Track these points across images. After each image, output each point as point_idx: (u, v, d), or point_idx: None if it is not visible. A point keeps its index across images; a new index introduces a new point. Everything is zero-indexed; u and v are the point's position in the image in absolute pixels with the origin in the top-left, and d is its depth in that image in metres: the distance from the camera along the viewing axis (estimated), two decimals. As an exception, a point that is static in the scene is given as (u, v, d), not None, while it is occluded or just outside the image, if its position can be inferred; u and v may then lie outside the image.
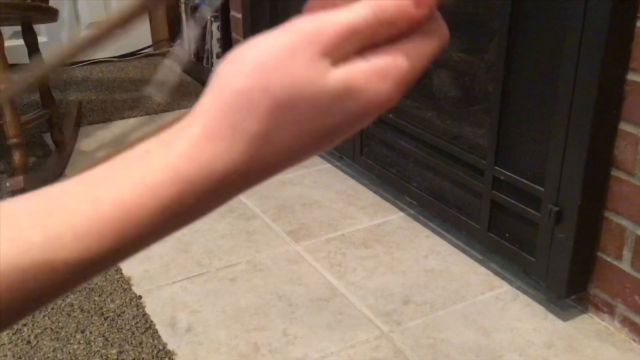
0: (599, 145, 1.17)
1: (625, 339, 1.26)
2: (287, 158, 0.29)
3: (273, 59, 0.27)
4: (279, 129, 0.28)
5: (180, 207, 0.28)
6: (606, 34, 1.08)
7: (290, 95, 0.27)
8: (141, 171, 0.27)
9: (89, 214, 0.27)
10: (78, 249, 0.27)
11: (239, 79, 0.28)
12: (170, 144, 0.28)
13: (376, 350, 1.24)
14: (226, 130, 0.28)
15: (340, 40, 0.28)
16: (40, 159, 2.09)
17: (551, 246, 1.27)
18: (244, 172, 0.28)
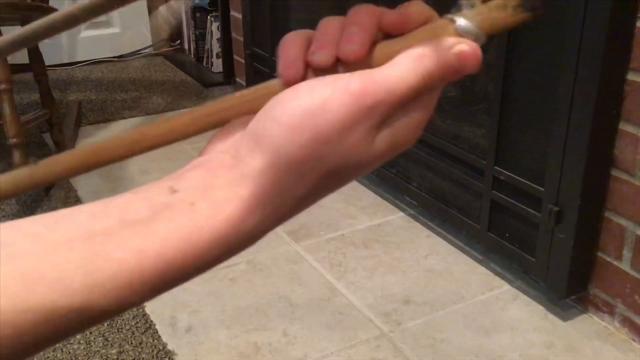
0: (599, 145, 1.17)
1: (625, 339, 1.26)
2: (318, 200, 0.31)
3: (331, 131, 0.28)
4: (321, 187, 0.30)
5: (213, 263, 0.29)
6: (606, 34, 1.08)
7: (341, 164, 0.29)
8: (188, 231, 0.28)
9: (132, 267, 0.27)
10: (116, 299, 0.27)
11: (295, 149, 0.28)
12: (217, 204, 0.28)
13: (376, 350, 1.24)
14: (274, 198, 0.29)
15: (392, 110, 0.29)
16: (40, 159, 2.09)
17: (551, 246, 1.27)
18: (283, 221, 0.30)
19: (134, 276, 0.27)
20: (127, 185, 1.90)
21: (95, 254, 0.26)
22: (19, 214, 1.73)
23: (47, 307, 0.25)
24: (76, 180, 1.94)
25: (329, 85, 0.29)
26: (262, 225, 0.29)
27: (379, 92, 0.29)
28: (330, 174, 0.29)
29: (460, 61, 0.31)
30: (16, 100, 1.74)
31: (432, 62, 0.30)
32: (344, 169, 0.30)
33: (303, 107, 0.29)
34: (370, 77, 0.29)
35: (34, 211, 1.75)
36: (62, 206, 1.88)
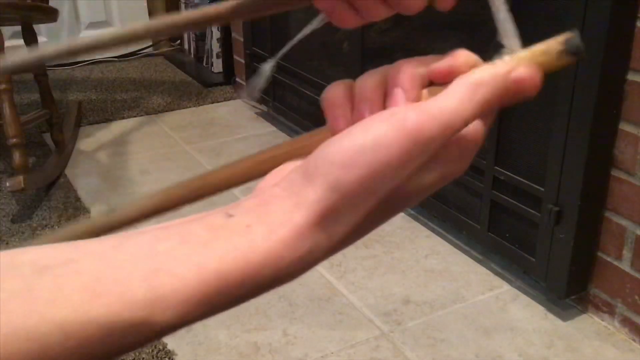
0: (599, 145, 1.17)
1: (625, 339, 1.26)
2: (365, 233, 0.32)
3: (385, 168, 0.29)
4: (372, 218, 0.31)
5: (269, 285, 0.30)
6: (606, 34, 1.08)
7: (391, 196, 0.30)
8: (245, 248, 0.29)
9: (192, 282, 0.28)
10: (177, 315, 0.28)
11: (348, 185, 0.29)
12: (273, 226, 0.29)
13: (376, 350, 1.24)
14: (327, 226, 0.29)
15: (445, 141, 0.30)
16: (40, 159, 2.09)
17: (551, 246, 1.27)
18: (332, 252, 0.31)
19: (194, 292, 0.28)
20: (127, 185, 1.90)
21: (157, 270, 0.27)
22: (19, 214, 1.73)
23: (111, 319, 0.26)
24: (76, 180, 1.94)
25: (384, 122, 0.29)
26: (314, 252, 0.30)
27: (435, 127, 0.29)
28: (382, 205, 0.30)
29: (519, 87, 0.31)
30: (16, 100, 1.74)
31: (489, 90, 0.30)
32: (396, 200, 0.30)
33: (357, 145, 0.29)
34: (427, 112, 0.29)
35: (34, 211, 1.75)
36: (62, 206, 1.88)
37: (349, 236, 0.31)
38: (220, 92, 2.62)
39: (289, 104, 2.15)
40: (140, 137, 2.25)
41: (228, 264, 0.28)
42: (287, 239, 0.29)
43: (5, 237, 1.63)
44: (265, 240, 0.29)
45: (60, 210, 1.75)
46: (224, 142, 2.19)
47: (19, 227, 1.68)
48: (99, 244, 0.29)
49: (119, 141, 2.22)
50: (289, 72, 2.09)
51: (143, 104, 2.51)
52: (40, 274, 0.26)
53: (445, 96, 0.30)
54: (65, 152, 2.06)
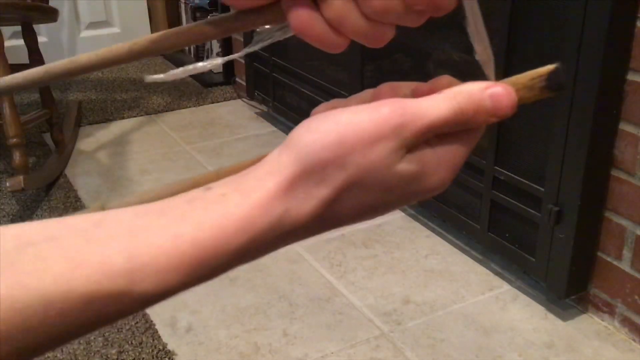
0: (599, 145, 1.17)
1: (625, 339, 1.26)
2: (343, 221, 0.33)
3: (355, 139, 0.30)
4: (345, 199, 0.31)
5: (247, 252, 0.30)
6: (606, 34, 1.08)
7: (363, 176, 0.30)
8: (219, 216, 0.30)
9: (170, 251, 0.29)
10: (156, 282, 0.28)
11: (318, 149, 0.30)
12: (246, 193, 0.30)
13: (376, 350, 1.24)
14: (299, 192, 0.30)
15: (420, 135, 0.31)
16: (40, 159, 2.09)
17: (551, 246, 1.27)
18: (305, 229, 0.31)
19: (172, 260, 0.28)
20: (127, 185, 1.90)
21: (136, 240, 0.28)
22: (18, 214, 1.73)
23: (91, 288, 0.27)
24: (76, 180, 1.94)
25: (361, 108, 0.31)
26: (285, 219, 0.30)
27: (407, 114, 0.31)
28: (353, 186, 0.31)
29: (494, 102, 0.33)
30: (16, 100, 1.74)
31: (465, 99, 0.32)
32: (367, 183, 0.31)
33: (334, 118, 0.31)
34: (402, 101, 0.31)
35: (34, 211, 1.75)
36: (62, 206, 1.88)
37: (323, 214, 0.31)
38: (220, 92, 2.62)
39: (289, 104, 2.15)
40: (140, 137, 2.25)
41: (204, 231, 0.29)
42: (259, 203, 0.30)
43: (5, 237, 1.63)
44: (238, 206, 0.30)
45: (60, 210, 1.75)
46: (224, 142, 2.19)
47: (19, 227, 1.68)
48: (81, 220, 0.29)
49: (119, 141, 2.22)
50: (289, 72, 2.09)
51: (143, 104, 2.51)
52: (23, 248, 0.27)
53: (423, 98, 0.32)
54: (65, 152, 2.06)
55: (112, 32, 3.07)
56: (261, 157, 0.33)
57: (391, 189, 0.31)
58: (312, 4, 0.31)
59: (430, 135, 0.31)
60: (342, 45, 0.32)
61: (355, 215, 0.33)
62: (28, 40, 1.95)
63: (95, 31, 3.03)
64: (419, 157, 0.31)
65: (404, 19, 0.31)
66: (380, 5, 0.30)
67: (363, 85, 1.74)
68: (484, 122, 0.33)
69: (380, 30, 0.32)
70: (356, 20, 0.31)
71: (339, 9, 0.31)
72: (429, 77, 0.63)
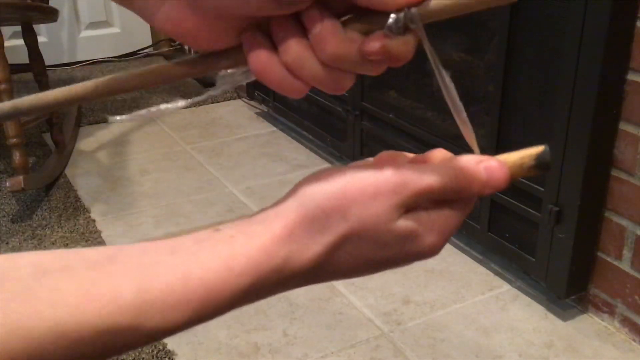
0: (599, 145, 1.17)
1: (625, 339, 1.26)
2: (339, 273, 0.34)
3: (358, 192, 0.32)
4: (344, 248, 0.33)
5: (249, 294, 0.32)
6: (606, 34, 1.08)
7: (362, 228, 0.32)
8: (226, 257, 0.31)
9: (178, 289, 0.30)
10: (163, 320, 0.29)
11: (323, 198, 0.32)
12: (253, 235, 0.32)
13: (376, 350, 1.24)
14: (302, 237, 0.32)
15: (417, 197, 0.33)
16: (40, 159, 2.09)
17: (551, 246, 1.27)
18: (305, 275, 0.33)
19: (181, 298, 0.30)
20: (127, 185, 1.90)
21: (146, 277, 0.29)
22: (18, 214, 1.73)
23: (103, 321, 0.28)
24: (76, 180, 1.94)
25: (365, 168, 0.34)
26: (288, 263, 0.31)
27: (407, 175, 0.33)
28: (353, 236, 0.32)
29: (489, 174, 0.35)
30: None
31: (462, 169, 0.34)
32: (366, 236, 0.32)
33: (339, 172, 0.33)
34: (403, 165, 0.34)
35: (34, 211, 1.75)
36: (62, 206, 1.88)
37: (322, 262, 0.32)
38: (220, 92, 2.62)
39: (289, 104, 2.16)
40: (140, 137, 2.25)
41: (212, 271, 0.30)
42: (265, 246, 0.31)
43: (5, 237, 1.63)
44: (244, 247, 0.31)
45: (60, 210, 1.75)
46: (224, 142, 2.19)
47: (19, 227, 1.68)
48: (94, 253, 0.30)
49: (119, 141, 2.22)
50: (289, 72, 2.09)
51: (143, 104, 2.51)
52: (39, 277, 0.28)
53: (423, 164, 0.34)
54: (65, 152, 2.06)
55: (112, 32, 3.07)
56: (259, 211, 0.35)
57: (386, 245, 0.33)
58: (271, 48, 0.32)
59: (427, 199, 0.33)
60: (302, 91, 0.33)
61: (351, 268, 0.34)
62: (28, 40, 1.95)
63: (95, 31, 3.03)
64: (415, 218, 0.33)
65: (361, 68, 0.32)
66: (335, 53, 0.31)
67: (363, 84, 1.74)
68: (478, 193, 0.35)
69: (338, 77, 0.32)
70: (313, 66, 0.31)
71: (295, 54, 0.31)
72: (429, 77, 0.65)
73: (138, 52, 3.12)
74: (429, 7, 0.31)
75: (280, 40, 0.31)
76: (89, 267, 0.29)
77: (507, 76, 1.28)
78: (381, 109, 1.70)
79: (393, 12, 0.31)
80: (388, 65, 0.33)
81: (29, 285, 0.28)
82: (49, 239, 1.61)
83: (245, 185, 1.88)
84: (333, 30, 0.31)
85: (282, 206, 0.33)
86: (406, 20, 0.31)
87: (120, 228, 1.67)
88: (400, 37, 0.31)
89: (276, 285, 0.32)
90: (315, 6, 0.31)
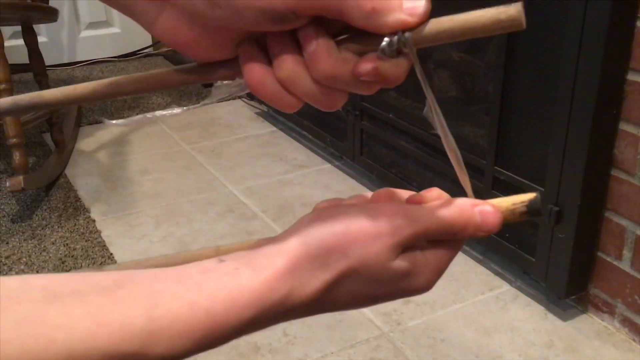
0: (599, 145, 1.17)
1: (625, 339, 1.26)
2: (337, 306, 0.36)
3: (359, 231, 0.34)
4: (343, 285, 0.34)
5: (251, 325, 0.33)
6: (606, 34, 1.08)
7: (361, 266, 0.34)
8: (231, 288, 0.32)
9: (185, 318, 0.30)
10: (170, 346, 0.30)
11: (325, 235, 0.34)
12: (257, 269, 0.33)
13: (376, 350, 1.24)
14: (304, 273, 0.33)
15: (415, 238, 0.35)
16: (40, 159, 2.09)
17: (551, 246, 1.27)
18: (305, 309, 0.34)
19: (187, 327, 0.30)
20: (127, 185, 1.90)
21: (155, 305, 0.30)
22: (18, 214, 1.73)
23: (112, 347, 0.28)
24: (76, 180, 1.94)
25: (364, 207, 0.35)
26: (290, 298, 0.33)
27: (407, 217, 0.34)
28: (352, 274, 0.34)
29: (483, 218, 0.37)
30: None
31: (457, 212, 0.36)
32: (364, 274, 0.34)
33: (342, 210, 0.35)
34: (404, 206, 0.36)
35: (34, 211, 1.75)
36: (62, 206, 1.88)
37: (322, 297, 0.34)
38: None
39: (289, 104, 2.15)
40: (140, 137, 2.25)
41: (217, 302, 0.31)
42: (268, 280, 0.32)
43: (5, 237, 1.63)
44: (250, 280, 0.32)
45: (60, 210, 1.75)
46: (223, 142, 2.19)
47: (19, 227, 1.68)
48: (103, 277, 0.31)
49: (119, 141, 2.22)
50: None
51: (143, 104, 2.51)
52: (50, 301, 0.29)
53: (422, 206, 0.36)
54: (65, 152, 2.06)
55: (112, 32, 3.07)
56: (261, 242, 0.36)
57: (383, 282, 0.34)
58: (267, 62, 0.32)
59: (423, 239, 0.35)
60: (295, 106, 0.33)
61: (348, 302, 0.36)
62: (28, 40, 1.95)
63: (95, 31, 3.03)
64: (411, 258, 0.35)
65: (354, 87, 0.33)
66: (328, 71, 0.32)
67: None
68: (472, 235, 0.37)
69: (331, 95, 0.33)
70: (306, 83, 0.32)
71: (289, 70, 0.32)
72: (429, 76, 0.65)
73: (138, 52, 3.12)
74: (423, 32, 0.32)
75: (276, 56, 0.32)
76: (99, 292, 0.30)
77: (507, 76, 1.28)
78: (381, 109, 1.70)
79: (387, 35, 0.31)
80: (381, 86, 0.33)
81: (41, 309, 0.28)
82: (49, 239, 1.61)
83: (245, 185, 1.88)
84: (328, 50, 0.31)
85: (285, 241, 0.34)
86: (399, 44, 0.31)
87: (120, 228, 1.67)
88: (393, 59, 0.32)
89: (277, 317, 0.34)
90: (311, 25, 0.31)
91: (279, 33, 0.32)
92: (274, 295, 0.32)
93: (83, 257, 1.53)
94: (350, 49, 0.32)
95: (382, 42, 0.31)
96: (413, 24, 0.31)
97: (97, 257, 1.53)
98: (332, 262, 0.33)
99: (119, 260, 1.51)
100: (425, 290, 0.36)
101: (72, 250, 1.56)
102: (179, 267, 0.33)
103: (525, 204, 0.38)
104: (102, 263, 1.51)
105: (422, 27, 0.32)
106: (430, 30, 0.32)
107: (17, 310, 0.28)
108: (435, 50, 1.50)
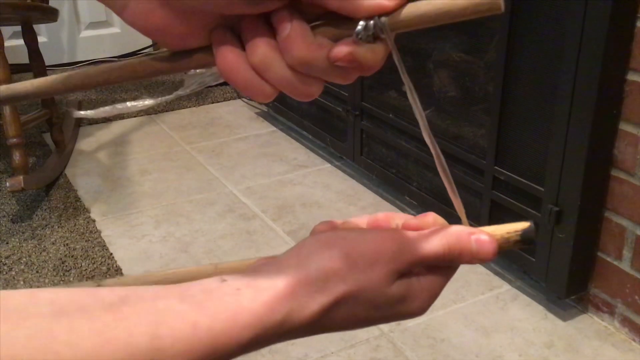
0: (599, 145, 1.17)
1: (625, 339, 1.26)
2: (333, 328, 0.36)
3: (358, 257, 0.34)
4: (340, 308, 0.35)
5: (250, 346, 0.33)
6: (606, 34, 1.08)
7: (359, 291, 0.34)
8: (233, 309, 0.32)
9: (188, 337, 0.31)
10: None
11: (324, 260, 0.34)
12: (258, 290, 0.33)
13: (376, 350, 1.24)
14: (303, 296, 0.34)
15: (412, 265, 0.36)
16: (40, 159, 2.09)
17: (551, 246, 1.27)
18: (302, 330, 0.34)
19: (189, 346, 0.31)
20: (127, 185, 1.90)
21: (159, 324, 0.30)
22: (18, 214, 1.73)
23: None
24: (76, 180, 1.94)
25: (364, 230, 0.36)
26: (288, 319, 0.33)
27: (405, 244, 0.35)
28: (349, 298, 0.34)
29: (478, 246, 0.38)
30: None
31: (454, 240, 0.37)
32: (361, 298, 0.35)
33: (342, 234, 0.36)
34: (402, 232, 0.37)
35: (34, 211, 1.75)
36: (62, 206, 1.88)
37: (319, 319, 0.34)
38: (220, 92, 2.62)
39: (288, 104, 2.16)
40: (140, 137, 2.25)
41: (218, 322, 0.32)
42: (269, 302, 0.33)
43: (5, 237, 1.63)
44: (251, 302, 0.32)
45: (60, 210, 1.75)
46: (223, 142, 2.19)
47: (19, 227, 1.68)
48: (108, 293, 0.31)
49: (119, 141, 2.22)
50: (289, 72, 2.09)
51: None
52: (57, 317, 0.29)
53: (419, 233, 0.37)
54: (65, 152, 2.06)
55: (112, 32, 3.07)
56: (261, 261, 0.37)
57: (379, 306, 0.35)
58: (240, 48, 0.31)
59: (419, 266, 0.36)
60: (270, 94, 0.32)
61: (345, 324, 0.36)
62: (28, 40, 1.95)
63: (95, 31, 3.03)
64: (406, 284, 0.36)
65: (330, 75, 0.32)
66: (301, 56, 0.31)
67: (363, 84, 1.74)
68: (467, 262, 0.38)
69: (306, 82, 0.32)
70: (280, 69, 0.31)
71: (262, 55, 0.31)
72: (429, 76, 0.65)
73: (138, 52, 3.11)
74: (400, 16, 0.31)
75: (249, 41, 0.31)
76: (105, 308, 0.30)
77: (507, 76, 1.28)
78: (381, 109, 1.70)
79: (363, 19, 0.30)
80: (357, 73, 0.32)
81: (49, 325, 0.28)
82: (49, 239, 1.61)
83: (245, 185, 1.88)
84: (302, 33, 0.30)
85: (285, 264, 0.35)
86: (376, 29, 0.30)
87: (120, 228, 1.67)
88: (369, 45, 0.31)
89: (276, 337, 0.34)
90: (286, 8, 0.30)
91: (253, 18, 0.31)
92: (274, 317, 0.33)
93: (83, 257, 1.53)
94: (325, 34, 0.31)
95: (357, 27, 0.30)
96: (390, 7, 0.30)
97: (97, 257, 1.53)
98: (331, 286, 0.34)
99: (119, 260, 1.51)
100: (419, 314, 0.37)
101: (72, 250, 1.56)
102: (182, 285, 0.33)
103: (519, 234, 0.39)
104: (102, 263, 1.51)
105: (399, 11, 0.31)
106: (407, 15, 0.30)
107: (26, 325, 0.28)
108: (436, 50, 1.50)
